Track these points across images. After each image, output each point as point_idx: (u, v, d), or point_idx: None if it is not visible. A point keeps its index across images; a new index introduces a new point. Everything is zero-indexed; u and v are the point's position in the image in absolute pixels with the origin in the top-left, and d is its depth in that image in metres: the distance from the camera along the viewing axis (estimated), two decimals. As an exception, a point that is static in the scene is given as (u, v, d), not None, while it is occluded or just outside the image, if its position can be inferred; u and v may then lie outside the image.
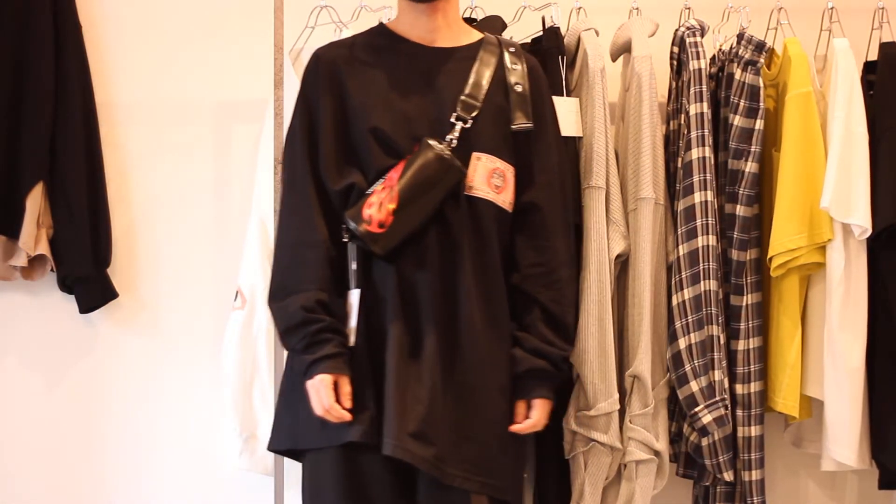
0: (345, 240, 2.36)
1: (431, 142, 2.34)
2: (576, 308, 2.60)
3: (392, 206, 2.30)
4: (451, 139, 2.37)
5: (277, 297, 2.36)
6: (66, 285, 3.11)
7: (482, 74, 2.45)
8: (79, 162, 3.08)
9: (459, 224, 2.38)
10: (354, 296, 2.34)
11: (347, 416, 2.28)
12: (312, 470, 2.38)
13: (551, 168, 2.53)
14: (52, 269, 3.11)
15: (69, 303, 3.15)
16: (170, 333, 3.23)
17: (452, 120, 2.39)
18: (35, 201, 3.03)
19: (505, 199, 2.45)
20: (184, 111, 3.23)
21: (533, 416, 2.44)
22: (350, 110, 2.40)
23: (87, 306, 3.13)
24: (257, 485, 3.12)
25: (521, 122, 2.45)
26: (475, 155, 2.41)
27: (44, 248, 3.04)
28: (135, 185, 3.23)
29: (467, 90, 2.41)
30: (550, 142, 2.54)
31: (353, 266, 2.34)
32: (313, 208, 2.36)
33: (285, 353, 2.43)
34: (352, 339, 2.33)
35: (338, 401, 2.30)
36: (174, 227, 3.23)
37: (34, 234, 3.03)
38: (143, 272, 3.23)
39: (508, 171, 2.45)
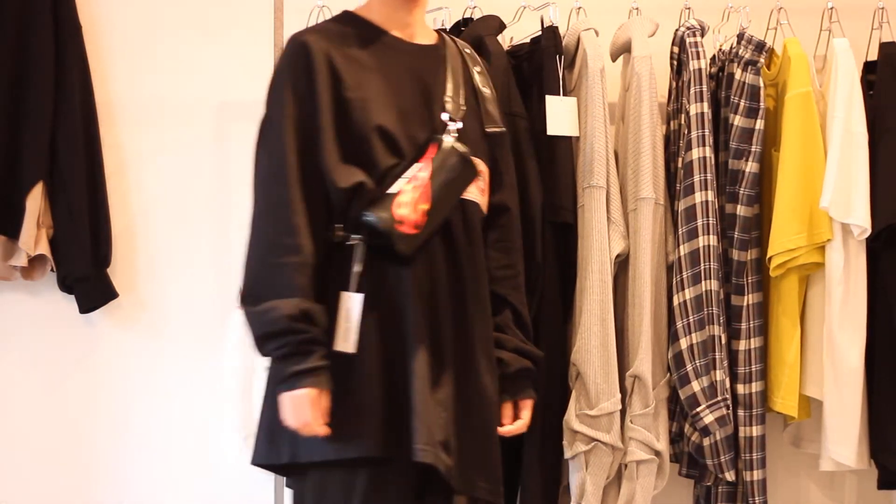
0: (351, 242, 2.25)
1: (453, 142, 2.29)
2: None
3: (426, 206, 2.23)
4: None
5: (250, 301, 2.23)
6: (66, 285, 3.11)
7: (456, 74, 2.39)
8: (79, 162, 3.08)
9: (457, 226, 2.34)
10: (356, 300, 2.23)
11: (323, 432, 2.18)
12: (323, 484, 2.25)
13: (512, 169, 2.52)
14: (52, 269, 3.11)
15: (69, 303, 3.15)
16: (170, 333, 3.23)
17: (445, 119, 2.33)
18: (35, 201, 3.03)
19: (485, 201, 2.42)
20: (184, 111, 3.23)
21: (525, 417, 2.40)
22: (349, 105, 2.28)
23: (87, 306, 3.13)
24: (257, 484, 3.12)
25: (493, 126, 2.42)
26: None
27: (44, 248, 3.04)
28: (134, 185, 3.23)
29: (450, 90, 2.36)
30: (509, 143, 2.53)
31: (357, 268, 2.24)
32: (295, 207, 2.23)
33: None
34: (353, 346, 2.22)
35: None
36: (174, 227, 3.23)
37: (34, 234, 3.03)
38: (143, 272, 3.23)
39: (486, 173, 2.42)
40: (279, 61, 2.33)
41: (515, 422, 2.40)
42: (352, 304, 2.23)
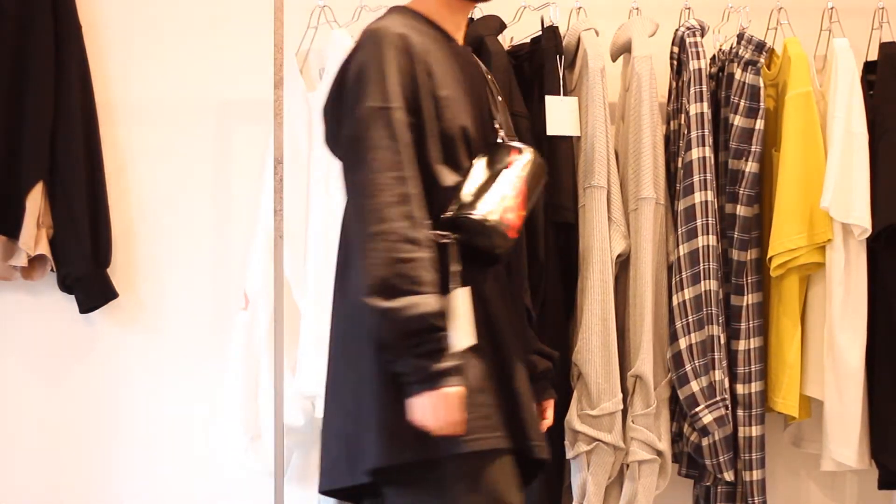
0: (445, 241, 2.18)
1: (530, 149, 2.28)
2: None
3: (523, 213, 2.23)
4: None
5: (383, 295, 2.13)
6: (66, 285, 3.11)
7: (489, 82, 2.39)
8: (79, 162, 3.08)
9: None
10: (464, 294, 2.17)
11: (461, 430, 2.12)
12: (465, 475, 2.18)
13: None
14: (52, 269, 3.11)
15: (69, 303, 3.15)
16: (169, 333, 3.23)
17: (497, 126, 2.32)
18: (35, 201, 3.03)
19: None
20: (184, 111, 3.23)
21: (549, 417, 2.41)
22: (441, 103, 2.22)
23: (87, 306, 3.13)
24: (258, 485, 3.11)
25: (510, 135, 2.38)
26: None
27: (44, 248, 3.04)
28: (134, 185, 3.23)
29: (489, 97, 2.35)
30: None
31: (456, 267, 2.18)
32: (417, 202, 2.16)
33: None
34: (474, 338, 2.17)
35: None
36: (174, 228, 3.23)
37: (34, 234, 3.03)
38: (143, 272, 3.23)
39: None
40: (373, 52, 2.21)
41: (542, 422, 2.39)
42: (464, 298, 2.18)
